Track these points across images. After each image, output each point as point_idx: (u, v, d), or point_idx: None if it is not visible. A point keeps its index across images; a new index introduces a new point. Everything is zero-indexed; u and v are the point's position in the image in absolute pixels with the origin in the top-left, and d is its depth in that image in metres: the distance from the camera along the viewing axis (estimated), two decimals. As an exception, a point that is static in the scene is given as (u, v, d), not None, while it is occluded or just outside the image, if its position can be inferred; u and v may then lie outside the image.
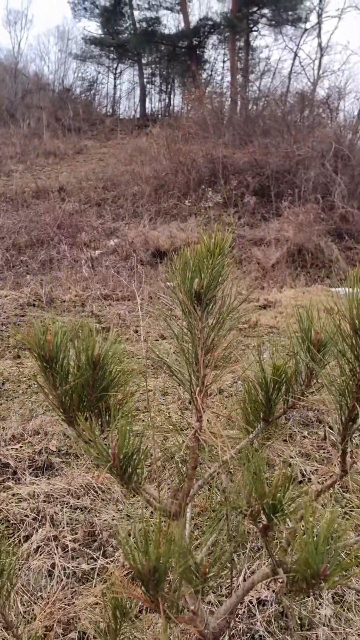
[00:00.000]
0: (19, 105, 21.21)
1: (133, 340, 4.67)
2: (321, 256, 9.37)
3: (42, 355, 0.81)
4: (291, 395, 0.88)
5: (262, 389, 0.85)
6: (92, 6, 24.15)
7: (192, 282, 0.75)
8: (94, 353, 0.81)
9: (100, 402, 0.83)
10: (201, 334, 0.74)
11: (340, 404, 0.77)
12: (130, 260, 9.59)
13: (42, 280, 7.94)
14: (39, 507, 1.93)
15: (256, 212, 10.91)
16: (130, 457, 0.77)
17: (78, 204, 12.33)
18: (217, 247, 0.76)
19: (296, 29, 22.97)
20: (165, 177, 12.55)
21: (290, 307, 5.74)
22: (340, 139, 11.36)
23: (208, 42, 24.17)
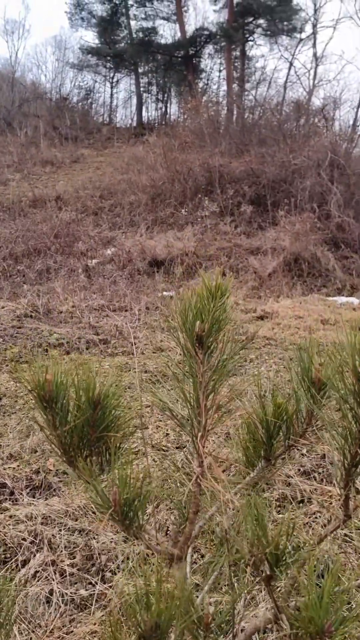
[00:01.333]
0: (16, 114, 21.28)
1: (130, 352, 4.66)
2: (318, 265, 9.40)
3: (42, 396, 0.81)
4: (292, 434, 0.88)
5: (263, 427, 0.85)
6: (89, 16, 24.33)
7: (194, 325, 0.74)
8: (94, 393, 0.81)
9: (100, 442, 0.82)
10: (202, 378, 0.73)
11: (342, 450, 0.77)
12: (127, 269, 9.59)
13: (39, 291, 7.93)
14: (36, 530, 1.92)
15: (253, 221, 10.95)
16: (131, 503, 0.76)
17: (75, 213, 12.35)
18: (219, 290, 0.75)
19: (291, 39, 23.20)
20: (162, 186, 12.59)
21: (288, 318, 5.75)
22: (336, 149, 11.43)
23: (204, 51, 24.36)
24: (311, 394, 0.86)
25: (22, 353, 4.67)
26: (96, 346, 4.97)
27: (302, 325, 5.44)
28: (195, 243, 10.28)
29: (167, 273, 9.60)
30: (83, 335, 5.25)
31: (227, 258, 9.81)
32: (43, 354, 4.69)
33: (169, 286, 8.84)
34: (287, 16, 21.95)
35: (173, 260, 9.77)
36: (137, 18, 24.55)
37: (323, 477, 2.22)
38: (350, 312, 6.69)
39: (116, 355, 4.62)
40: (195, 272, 9.58)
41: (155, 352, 4.63)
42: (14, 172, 15.43)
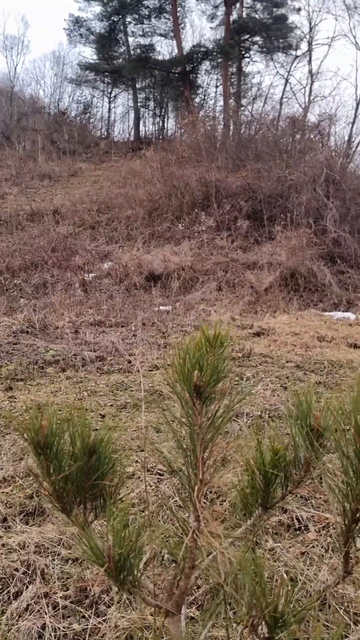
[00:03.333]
0: (15, 128, 21.43)
1: (126, 370, 4.64)
2: (314, 280, 9.43)
3: (37, 442, 0.79)
4: (290, 481, 0.86)
5: (260, 473, 0.83)
6: (87, 33, 24.64)
7: (192, 376, 0.73)
8: (89, 440, 0.79)
9: (95, 489, 0.80)
10: (201, 430, 0.72)
11: (343, 507, 0.75)
12: (124, 283, 9.60)
13: (36, 305, 7.91)
14: (29, 560, 1.88)
15: (249, 236, 11.00)
16: (126, 558, 0.74)
17: (72, 227, 12.38)
18: (218, 340, 0.74)
19: (287, 56, 23.55)
20: (159, 200, 12.65)
21: (284, 335, 5.74)
22: (332, 164, 11.53)
23: (201, 67, 24.67)
24: (309, 441, 0.84)
25: (17, 370, 4.64)
26: (92, 363, 4.94)
27: (298, 342, 5.43)
28: (192, 257, 10.30)
29: (164, 287, 9.61)
30: (79, 352, 5.22)
31: (223, 272, 9.82)
32: (39, 372, 4.66)
33: (165, 301, 8.83)
34: (282, 34, 22.30)
35: (170, 275, 9.78)
36: (134, 35, 24.92)
37: (320, 502, 2.20)
38: (347, 328, 6.69)
39: (112, 372, 4.60)
40: (192, 286, 9.59)
41: (151, 370, 4.60)
42: (11, 185, 15.49)
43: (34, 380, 4.46)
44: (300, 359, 4.87)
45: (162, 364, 4.72)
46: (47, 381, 4.39)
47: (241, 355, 5.01)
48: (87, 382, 4.30)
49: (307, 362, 4.79)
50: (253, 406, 3.60)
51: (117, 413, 3.56)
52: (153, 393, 3.96)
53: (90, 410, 3.58)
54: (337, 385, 4.14)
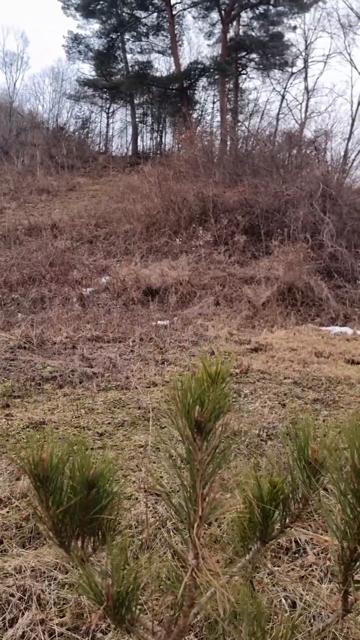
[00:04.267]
0: (14, 143, 21.60)
1: (124, 387, 4.62)
2: (311, 294, 9.46)
3: (37, 475, 0.79)
4: (288, 515, 0.86)
5: (258, 506, 0.83)
6: (86, 49, 24.98)
7: (193, 411, 0.73)
8: (89, 473, 0.79)
9: (94, 523, 0.80)
10: (201, 466, 0.72)
11: (341, 545, 0.75)
12: (122, 298, 9.61)
13: (34, 320, 7.91)
14: (25, 585, 1.86)
15: (246, 251, 11.06)
16: (124, 597, 0.74)
17: (70, 241, 12.43)
18: (219, 375, 0.74)
19: (283, 72, 23.91)
20: (156, 215, 12.73)
21: (282, 351, 5.74)
22: (328, 180, 11.64)
23: (198, 84, 25.00)
24: (307, 475, 0.84)
25: (15, 387, 4.62)
26: (90, 380, 4.93)
27: (296, 358, 5.44)
28: (190, 272, 10.34)
29: (162, 302, 9.62)
30: (76, 368, 5.21)
31: (221, 287, 9.85)
32: (36, 388, 4.64)
33: (163, 315, 8.84)
34: (279, 51, 22.65)
35: (167, 289, 9.80)
36: (133, 52, 25.29)
37: (319, 525, 2.18)
38: (345, 343, 6.70)
39: (110, 389, 4.58)
40: (189, 301, 9.61)
41: (149, 387, 4.59)
42: (10, 200, 15.57)
43: (31, 397, 4.44)
44: (298, 375, 4.86)
45: (160, 380, 4.71)
46: (45, 398, 4.37)
47: (239, 371, 5.00)
48: (84, 399, 4.28)
49: (304, 378, 4.79)
50: (251, 424, 3.59)
51: (114, 431, 3.54)
52: (151, 410, 3.95)
53: (87, 428, 3.56)
54: (334, 402, 4.13)
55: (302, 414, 3.85)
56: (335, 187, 11.58)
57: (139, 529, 2.25)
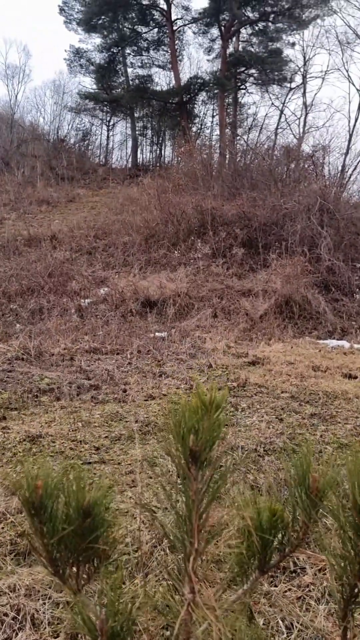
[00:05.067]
0: (14, 154, 21.74)
1: (121, 399, 4.62)
2: (308, 308, 9.49)
3: (31, 502, 0.79)
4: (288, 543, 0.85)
5: (257, 533, 0.83)
6: (87, 63, 25.27)
7: (188, 441, 0.73)
8: (84, 501, 0.79)
9: (89, 551, 0.80)
10: (196, 497, 0.72)
11: (341, 579, 0.75)
12: (120, 309, 9.62)
13: (32, 331, 7.91)
14: (19, 605, 1.84)
15: (244, 263, 11.10)
16: (119, 632, 0.73)
17: (69, 252, 12.47)
18: (214, 404, 0.74)
19: (282, 88, 24.20)
20: (155, 227, 12.80)
21: (279, 364, 5.75)
22: (325, 194, 11.74)
23: (198, 98, 25.28)
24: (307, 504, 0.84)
25: (12, 399, 4.61)
26: (87, 392, 4.92)
27: (293, 372, 5.44)
28: (188, 284, 10.37)
29: (160, 314, 9.63)
30: (74, 380, 5.20)
31: (219, 299, 9.88)
32: (33, 401, 4.63)
33: (161, 327, 8.85)
34: (277, 67, 22.94)
35: (165, 301, 9.82)
36: (133, 66, 25.60)
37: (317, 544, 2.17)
38: (342, 356, 6.70)
39: (107, 402, 4.57)
40: (187, 313, 9.62)
41: (146, 400, 4.58)
42: (10, 210, 15.64)
43: (28, 409, 4.43)
44: (295, 390, 4.86)
45: (157, 393, 4.71)
46: (42, 411, 4.36)
47: (236, 385, 5.00)
48: (81, 412, 4.27)
49: (302, 392, 4.79)
50: (248, 439, 3.58)
51: (111, 445, 3.53)
52: (148, 424, 3.94)
53: (84, 442, 3.55)
54: (332, 417, 4.13)
55: (299, 429, 3.85)
56: (333, 201, 11.67)
57: (135, 546, 2.24)
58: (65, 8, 24.45)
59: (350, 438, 3.65)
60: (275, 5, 22.36)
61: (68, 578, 0.78)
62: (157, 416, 4.10)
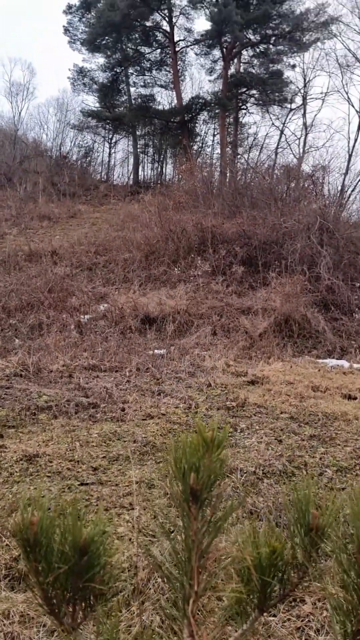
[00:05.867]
0: (17, 170, 21.95)
1: (119, 418, 4.59)
2: (308, 327, 9.49)
3: (26, 539, 0.77)
4: (288, 582, 0.84)
5: (256, 572, 0.82)
6: (90, 82, 25.67)
7: (188, 478, 0.72)
8: (80, 539, 0.78)
9: (86, 590, 0.79)
10: (196, 537, 0.71)
11: (343, 625, 0.73)
12: (120, 326, 9.61)
13: (31, 347, 7.89)
14: (13, 633, 1.81)
15: (244, 281, 11.14)
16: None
17: (70, 268, 12.51)
18: (215, 441, 0.74)
19: (282, 108, 24.56)
20: (155, 244, 12.86)
21: (279, 384, 5.73)
22: (325, 213, 11.83)
23: (199, 117, 25.62)
24: (307, 542, 0.83)
25: (9, 417, 4.58)
26: (85, 410, 4.89)
27: (292, 392, 5.42)
28: (187, 301, 10.38)
29: (159, 330, 9.63)
30: (72, 398, 5.17)
31: (218, 317, 9.88)
32: (31, 418, 4.60)
33: (160, 344, 8.83)
34: (278, 88, 23.31)
35: (165, 318, 9.82)
36: (136, 85, 26.01)
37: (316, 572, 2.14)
38: (341, 376, 6.69)
39: (105, 421, 4.55)
40: (187, 330, 9.62)
41: (145, 419, 4.56)
42: (11, 226, 15.73)
43: (26, 427, 4.40)
44: (294, 410, 4.84)
45: (156, 412, 4.68)
46: (39, 429, 4.33)
47: (235, 404, 4.98)
48: (79, 430, 4.25)
49: (301, 413, 4.77)
50: (247, 461, 3.55)
51: (109, 466, 3.50)
52: (146, 444, 3.91)
53: (81, 462, 3.52)
54: (331, 439, 4.10)
55: (299, 451, 3.82)
56: (333, 220, 11.76)
57: (132, 572, 2.21)
58: (69, 29, 24.94)
59: (350, 461, 3.62)
60: (277, 29, 22.80)
61: (64, 616, 0.76)
62: (156, 436, 4.07)
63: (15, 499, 2.94)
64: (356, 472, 3.50)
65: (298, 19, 21.86)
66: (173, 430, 4.23)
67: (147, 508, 2.78)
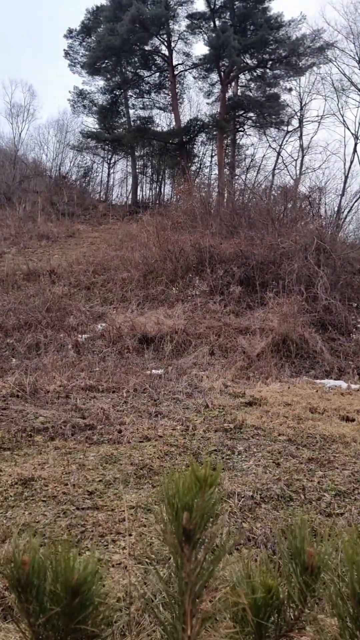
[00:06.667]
0: (16, 189, 22.16)
1: (116, 440, 4.55)
2: (305, 347, 9.49)
3: (17, 580, 0.77)
4: (284, 622, 0.83)
5: (252, 612, 0.80)
6: (90, 104, 26.10)
7: (181, 518, 0.72)
8: (72, 580, 0.77)
9: (78, 632, 0.77)
10: (189, 579, 0.70)
11: None
12: (117, 346, 9.60)
13: (28, 367, 7.86)
14: (5, 666, 1.77)
15: (242, 301, 11.17)
16: None
17: (68, 287, 12.54)
18: (209, 480, 0.73)
19: (279, 131, 24.98)
20: (154, 263, 12.93)
21: (276, 405, 5.71)
22: (322, 234, 11.94)
23: (197, 139, 26.01)
24: (302, 581, 0.82)
25: (5, 439, 4.54)
26: (82, 432, 4.86)
27: (290, 413, 5.40)
28: (185, 321, 10.39)
29: (157, 350, 9.61)
30: (69, 419, 5.14)
31: (216, 337, 9.88)
32: (27, 440, 4.56)
33: (158, 364, 8.81)
34: (275, 111, 23.72)
35: (163, 338, 9.82)
36: (135, 107, 26.45)
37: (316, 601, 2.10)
38: (339, 398, 6.67)
39: (102, 443, 4.51)
40: (184, 350, 9.61)
41: (142, 441, 4.52)
42: (10, 245, 15.81)
43: (22, 449, 4.36)
44: (292, 432, 4.81)
45: (153, 435, 4.65)
46: (35, 451, 4.29)
47: (233, 426, 4.95)
48: (75, 453, 4.21)
49: (299, 435, 4.74)
50: (244, 485, 3.52)
51: (105, 490, 3.46)
52: (143, 467, 3.87)
53: (77, 486, 3.48)
54: (329, 462, 4.07)
55: (296, 475, 3.79)
56: (329, 241, 11.87)
57: (127, 602, 2.17)
58: (70, 52, 25.45)
59: (349, 485, 3.59)
60: (273, 53, 23.30)
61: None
62: (153, 459, 4.04)
63: (9, 525, 2.91)
64: (354, 496, 3.47)
65: (294, 44, 22.36)
66: (170, 453, 4.20)
67: (143, 534, 2.74)
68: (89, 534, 2.77)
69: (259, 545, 2.63)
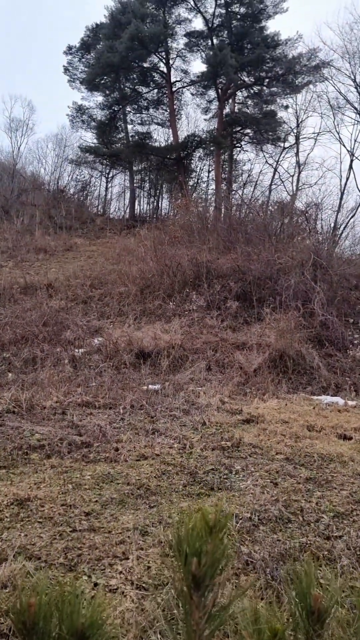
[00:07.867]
0: (14, 203, 22.24)
1: (113, 459, 4.52)
2: (302, 363, 9.49)
3: (23, 622, 0.76)
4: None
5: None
6: (88, 119, 26.34)
7: (190, 564, 0.71)
8: (78, 623, 0.76)
9: None
10: (197, 627, 0.69)
11: None
12: (114, 360, 9.57)
13: (24, 382, 7.82)
14: None
15: (238, 316, 11.19)
16: None
17: (65, 301, 12.53)
18: (219, 526, 0.73)
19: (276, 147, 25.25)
20: (151, 278, 12.95)
21: (274, 423, 5.69)
22: (319, 250, 12.02)
23: (195, 154, 26.25)
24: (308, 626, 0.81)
25: (0, 457, 4.50)
26: (78, 450, 4.82)
27: (288, 431, 5.38)
28: (182, 336, 10.39)
29: (154, 365, 9.58)
30: (65, 437, 5.10)
31: (213, 352, 9.88)
32: (23, 458, 4.52)
33: (155, 379, 8.78)
34: (271, 128, 24.00)
35: (160, 353, 9.80)
36: (133, 123, 26.72)
37: None
38: (336, 414, 6.66)
39: (98, 461, 4.48)
40: (181, 365, 9.59)
41: (138, 460, 4.49)
42: (7, 258, 15.83)
43: (17, 467, 4.32)
44: (290, 451, 4.79)
45: (150, 453, 4.62)
46: (31, 470, 4.25)
47: (230, 444, 4.93)
48: (72, 472, 4.17)
49: (297, 454, 4.72)
50: (242, 506, 3.49)
51: (101, 510, 3.43)
52: (140, 487, 3.84)
53: (74, 506, 3.45)
54: (327, 482, 4.05)
55: (294, 495, 3.77)
56: (326, 257, 11.94)
57: (125, 628, 2.14)
58: (69, 68, 25.75)
59: (347, 506, 3.57)
60: (270, 71, 23.65)
61: None
62: (150, 478, 4.01)
63: (4, 547, 2.87)
64: (353, 517, 3.45)
65: (291, 62, 22.70)
66: (167, 472, 4.16)
67: (140, 557, 2.71)
68: (85, 557, 2.74)
69: (258, 570, 2.60)
